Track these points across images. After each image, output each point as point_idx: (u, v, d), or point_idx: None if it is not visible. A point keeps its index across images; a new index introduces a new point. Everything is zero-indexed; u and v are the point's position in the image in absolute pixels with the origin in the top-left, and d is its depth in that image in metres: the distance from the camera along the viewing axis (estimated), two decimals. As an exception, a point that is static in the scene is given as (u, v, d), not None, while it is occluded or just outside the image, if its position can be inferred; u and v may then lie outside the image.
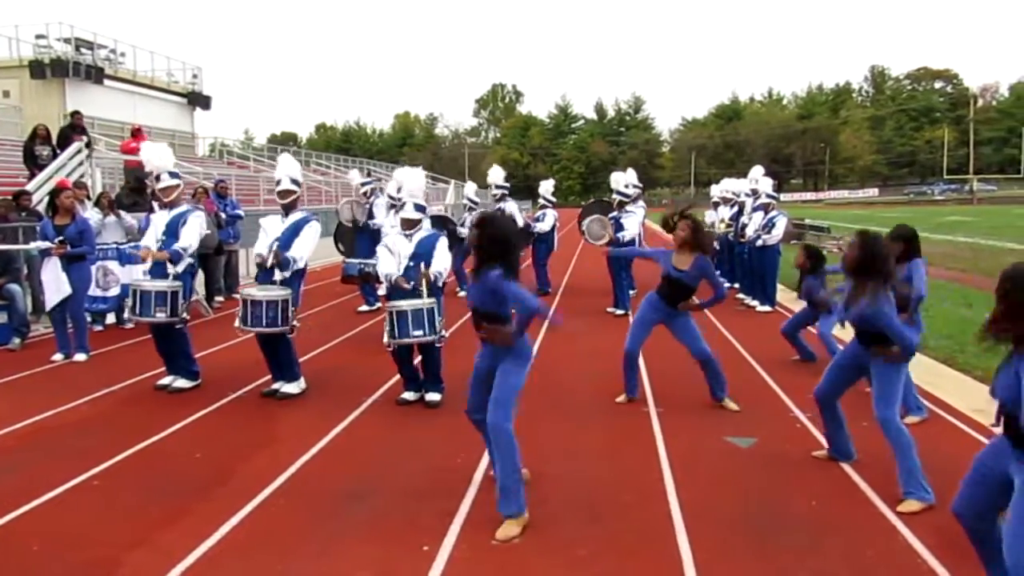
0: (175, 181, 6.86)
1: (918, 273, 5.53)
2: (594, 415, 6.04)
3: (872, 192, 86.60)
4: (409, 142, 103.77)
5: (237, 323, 6.33)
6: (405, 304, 5.84)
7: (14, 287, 8.85)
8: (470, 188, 14.41)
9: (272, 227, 6.62)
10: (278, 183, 6.67)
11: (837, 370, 4.77)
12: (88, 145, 14.09)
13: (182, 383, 6.79)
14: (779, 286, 11.73)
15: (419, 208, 6.37)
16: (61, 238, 7.97)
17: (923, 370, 6.91)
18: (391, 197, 10.88)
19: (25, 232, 9.42)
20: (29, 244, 8.89)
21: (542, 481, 4.59)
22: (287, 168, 6.76)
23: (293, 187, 6.67)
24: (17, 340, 8.68)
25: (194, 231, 6.76)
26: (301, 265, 6.55)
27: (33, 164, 13.41)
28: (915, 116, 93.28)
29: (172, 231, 6.73)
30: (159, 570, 3.54)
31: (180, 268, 6.68)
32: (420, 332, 5.89)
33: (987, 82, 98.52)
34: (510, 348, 4.14)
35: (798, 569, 3.57)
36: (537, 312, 4.06)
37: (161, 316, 6.50)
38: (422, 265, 6.08)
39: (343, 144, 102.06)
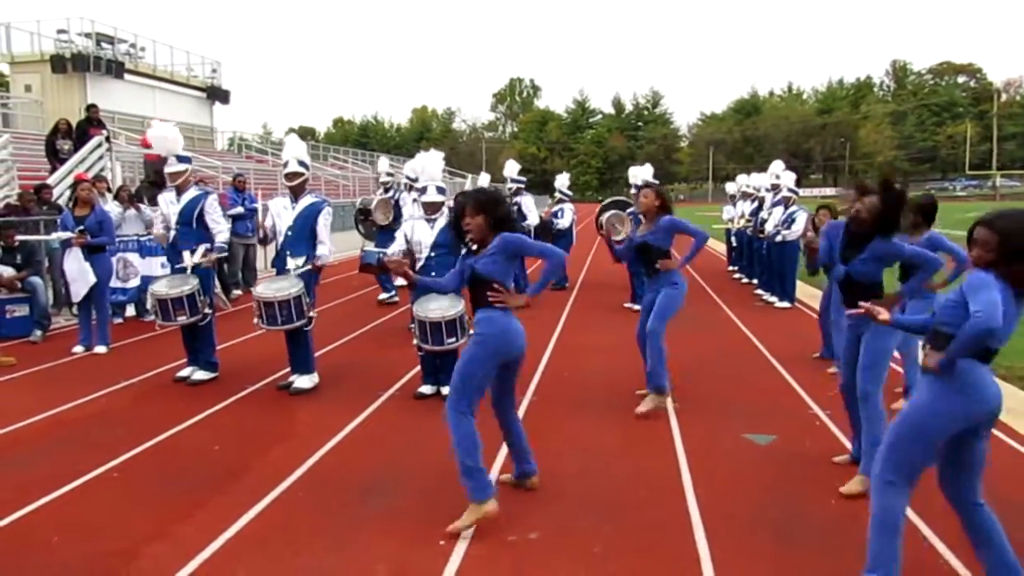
0: (183, 166, 6.84)
1: (944, 242, 5.47)
2: (611, 411, 6.00)
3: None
4: (427, 136, 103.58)
5: (255, 321, 6.38)
6: (437, 315, 5.79)
7: (36, 280, 8.94)
8: (484, 179, 14.41)
9: (282, 213, 6.55)
10: (285, 165, 6.58)
11: (848, 357, 4.65)
12: (107, 139, 14.20)
13: (201, 375, 6.84)
14: (798, 282, 11.62)
15: (440, 191, 6.38)
16: (81, 228, 8.04)
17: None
18: (408, 178, 10.93)
19: (46, 225, 9.52)
20: (50, 235, 8.98)
21: (558, 477, 4.58)
22: (294, 150, 6.63)
23: (301, 169, 6.53)
24: (39, 332, 8.77)
25: (218, 218, 6.86)
26: (331, 257, 6.61)
27: (54, 158, 13.56)
28: (937, 111, 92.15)
29: (187, 218, 6.76)
30: (176, 562, 3.55)
31: (196, 258, 6.72)
32: (453, 339, 5.89)
33: (1011, 76, 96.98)
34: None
35: (817, 568, 3.53)
36: (561, 264, 4.18)
37: (182, 319, 6.59)
38: None
39: (361, 138, 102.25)
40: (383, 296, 11.31)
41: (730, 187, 16.58)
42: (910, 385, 5.86)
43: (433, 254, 6.22)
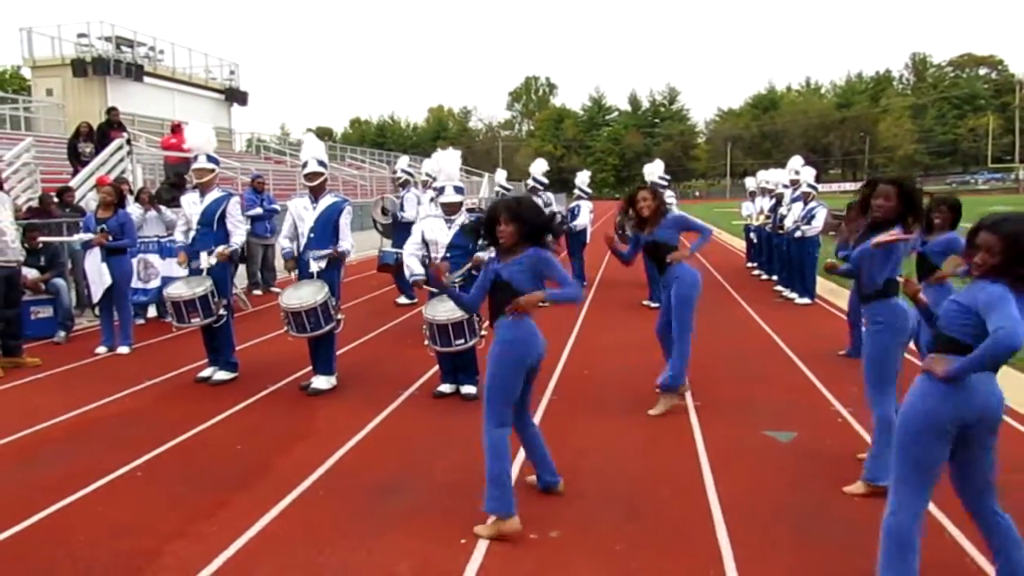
0: (210, 165, 6.88)
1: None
2: (630, 409, 5.98)
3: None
4: (443, 135, 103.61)
5: (285, 329, 6.42)
6: (443, 317, 5.82)
7: (59, 281, 9.04)
8: (501, 175, 14.36)
9: (303, 214, 6.55)
10: (304, 165, 6.59)
11: None
12: (128, 141, 14.33)
13: (222, 375, 6.88)
14: (818, 278, 11.52)
15: (459, 190, 6.39)
16: (102, 228, 8.13)
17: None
18: (428, 175, 10.95)
19: (69, 227, 9.62)
20: (72, 236, 9.07)
21: (579, 476, 4.57)
22: (313, 150, 6.64)
23: (320, 168, 6.53)
24: (62, 333, 8.87)
25: (238, 221, 6.89)
26: (352, 250, 6.61)
27: (76, 160, 13.69)
28: (958, 104, 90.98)
29: (208, 219, 6.79)
30: (200, 561, 3.58)
31: (212, 260, 6.76)
32: (461, 341, 5.92)
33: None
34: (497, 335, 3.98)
35: (841, 567, 3.50)
36: (576, 300, 4.11)
37: (196, 321, 6.63)
38: (474, 256, 6.17)
39: (377, 138, 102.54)
40: (403, 300, 11.31)
41: (749, 183, 16.48)
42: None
43: (449, 255, 6.21)
